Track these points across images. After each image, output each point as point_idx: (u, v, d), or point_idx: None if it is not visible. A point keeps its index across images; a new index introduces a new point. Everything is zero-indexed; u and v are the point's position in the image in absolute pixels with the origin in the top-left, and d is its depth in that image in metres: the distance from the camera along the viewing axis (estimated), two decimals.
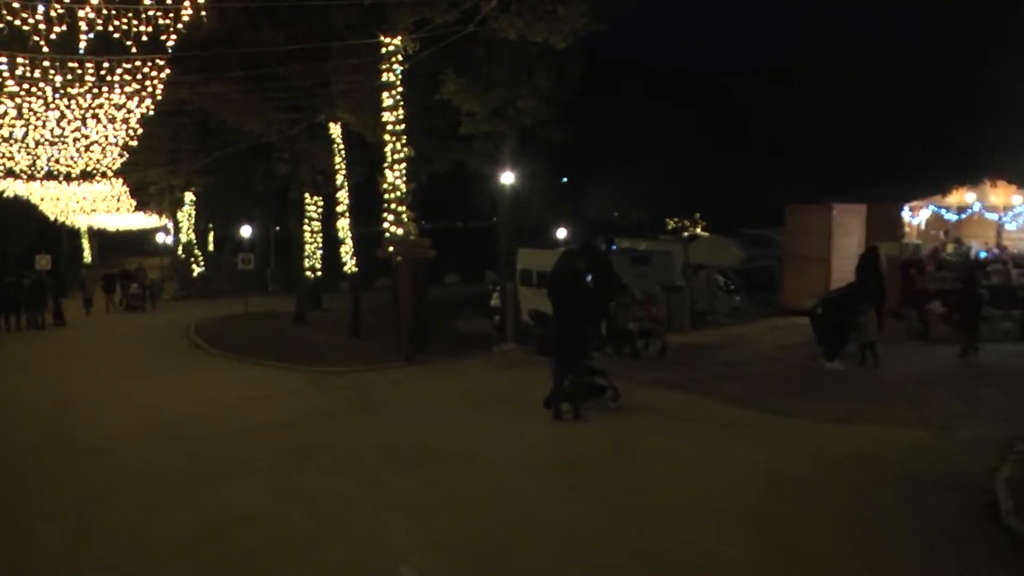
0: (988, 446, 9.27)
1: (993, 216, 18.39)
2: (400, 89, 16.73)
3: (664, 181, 38.94)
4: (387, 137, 16.86)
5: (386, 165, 16.93)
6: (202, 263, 41.00)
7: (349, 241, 25.15)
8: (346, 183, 24.25)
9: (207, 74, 18.67)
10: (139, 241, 54.06)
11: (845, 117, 26.05)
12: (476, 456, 9.54)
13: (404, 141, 16.84)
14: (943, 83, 23.52)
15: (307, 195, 27.26)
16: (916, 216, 17.63)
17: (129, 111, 17.10)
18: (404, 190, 16.83)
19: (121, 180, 30.20)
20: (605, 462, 9.19)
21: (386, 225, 17.02)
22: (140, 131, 19.41)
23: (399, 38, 16.38)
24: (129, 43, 11.94)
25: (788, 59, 30.00)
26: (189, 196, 39.22)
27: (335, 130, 23.04)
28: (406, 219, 16.85)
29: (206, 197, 39.86)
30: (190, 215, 40.47)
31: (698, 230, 24.71)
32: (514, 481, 8.58)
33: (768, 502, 7.74)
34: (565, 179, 45.72)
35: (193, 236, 40.97)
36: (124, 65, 14.31)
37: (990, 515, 7.33)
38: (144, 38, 11.82)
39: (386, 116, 16.83)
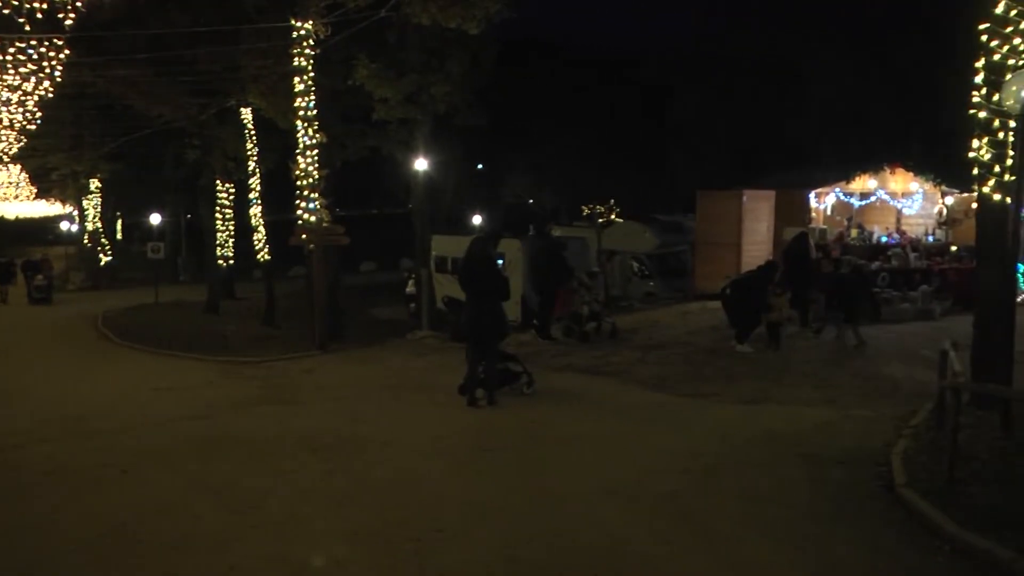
0: (886, 422, 9.69)
1: (893, 201, 19.13)
2: (312, 74, 16.49)
3: (579, 168, 39.27)
4: (299, 123, 16.63)
5: (298, 151, 16.70)
6: (110, 252, 39.76)
7: (262, 229, 24.71)
8: (258, 170, 23.84)
9: (110, 56, 18.09)
10: (41, 230, 52.15)
11: (756, 104, 26.67)
12: (391, 443, 9.53)
13: (316, 127, 16.63)
14: (849, 71, 24.29)
15: (218, 182, 26.65)
16: (822, 202, 18.20)
17: (25, 93, 16.46)
18: (317, 177, 16.64)
19: (20, 166, 29.07)
20: (519, 447, 9.29)
21: (299, 212, 16.81)
22: (39, 115, 18.71)
23: (310, 22, 16.14)
24: (22, 20, 11.48)
25: (700, 46, 30.58)
26: (95, 183, 37.93)
27: (246, 115, 22.60)
28: (319, 206, 16.67)
29: (113, 184, 38.58)
30: (96, 202, 39.15)
31: (613, 217, 24.94)
32: (429, 467, 8.61)
33: (679, 483, 7.92)
34: (481, 166, 45.71)
35: (100, 224, 39.66)
36: (18, 44, 13.76)
37: (886, 487, 7.67)
38: (39, 16, 11.37)
39: (298, 101, 16.59)
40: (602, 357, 13.94)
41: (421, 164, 19.13)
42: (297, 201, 16.82)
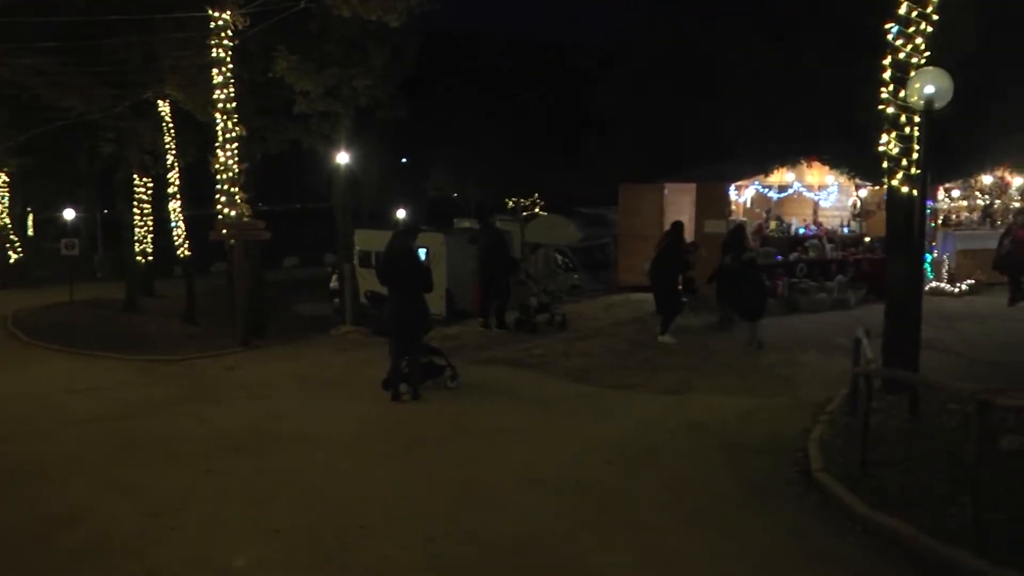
0: (804, 409, 9.96)
1: (810, 194, 19.63)
2: (231, 66, 16.17)
3: (503, 161, 39.32)
4: (218, 116, 16.29)
5: (218, 145, 16.37)
6: (19, 249, 38.35)
7: (182, 224, 24.13)
8: (177, 163, 23.24)
9: (15, 44, 17.43)
10: None
11: (677, 98, 27.01)
12: (314, 440, 9.45)
13: (236, 120, 16.30)
14: (766, 67, 24.76)
15: (136, 176, 25.94)
16: (742, 195, 18.56)
17: None
18: (237, 171, 16.33)
19: None
20: (443, 441, 9.30)
21: (219, 207, 16.49)
22: None
23: (228, 13, 15.82)
24: None
25: (621, 40, 30.84)
26: (2, 177, 36.53)
27: (164, 108, 22.00)
28: (239, 200, 16.37)
29: (22, 178, 37.21)
30: (3, 196, 37.72)
31: (537, 210, 25.14)
32: (352, 463, 8.57)
33: (603, 473, 8.04)
34: (404, 159, 45.42)
35: (8, 220, 38.21)
36: None
37: (803, 472, 7.90)
38: None
39: (217, 94, 16.24)
40: (526, 349, 14.01)
41: (343, 158, 18.93)
42: (217, 195, 16.50)
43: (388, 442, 9.34)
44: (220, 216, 16.46)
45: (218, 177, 16.40)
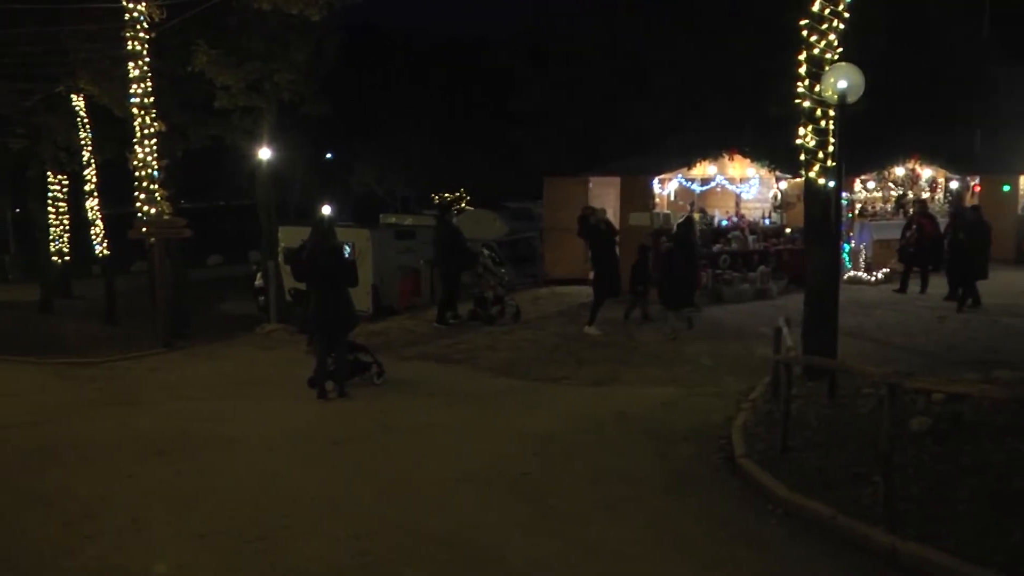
0: (728, 398, 10.17)
1: (732, 187, 19.97)
2: (148, 59, 15.77)
3: (429, 156, 39.19)
4: (135, 111, 15.86)
5: (136, 141, 15.95)
6: None
7: (100, 223, 23.45)
8: (94, 160, 22.57)
9: None
10: None
11: (601, 92, 27.23)
12: (239, 440, 9.28)
13: (155, 115, 15.91)
14: (688, 62, 25.15)
15: (50, 173, 25.11)
16: (665, 187, 18.79)
17: None
18: (157, 167, 15.94)
19: None
20: (370, 438, 9.24)
21: (139, 205, 16.08)
22: None
23: (143, 4, 15.42)
24: None
25: (544, 34, 30.93)
26: None
27: (79, 102, 21.33)
28: (159, 198, 15.99)
29: None
30: None
31: (463, 204, 25.14)
32: (278, 463, 8.44)
33: (530, 466, 8.07)
34: (329, 155, 44.90)
35: None
36: None
37: (727, 458, 8.06)
38: None
39: (133, 88, 15.81)
40: (452, 344, 14.00)
41: (266, 154, 18.61)
42: (136, 193, 16.08)
43: (314, 441, 9.23)
44: (140, 214, 16.07)
45: (137, 174, 15.99)
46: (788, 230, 19.57)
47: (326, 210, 34.79)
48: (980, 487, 6.08)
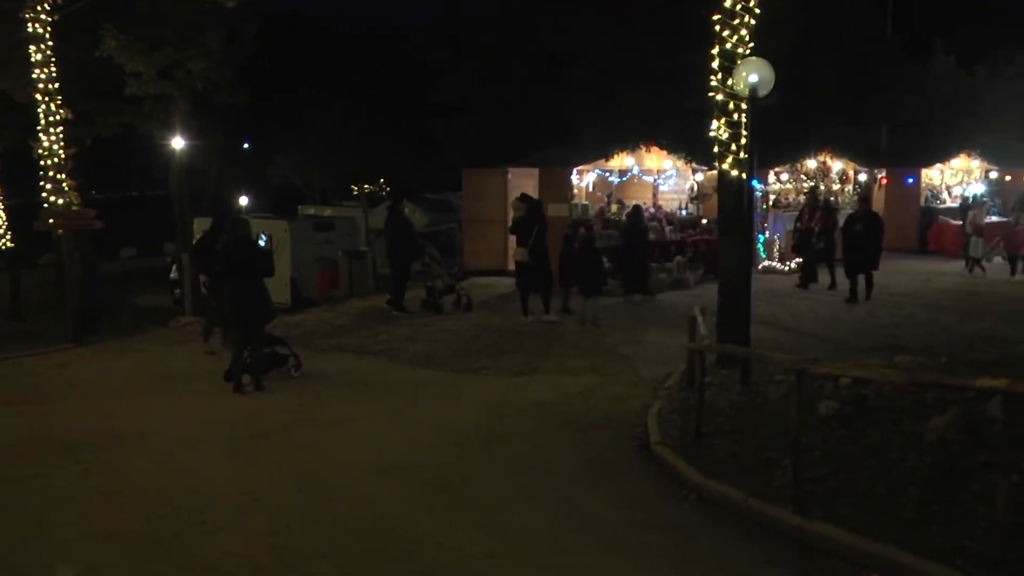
0: (645, 386, 10.36)
1: (649, 178, 20.26)
2: (51, 43, 15.22)
3: (348, 147, 38.77)
4: (39, 97, 15.29)
5: (40, 128, 15.38)
6: None
7: (3, 214, 22.61)
8: None
9: None
10: None
11: (520, 84, 27.30)
12: (153, 436, 9.06)
13: (60, 102, 15.38)
14: (607, 55, 25.37)
15: None
16: (583, 179, 18.97)
17: None
18: (63, 156, 15.41)
19: None
20: (287, 432, 9.12)
21: (45, 195, 15.54)
22: None
23: None
24: None
25: (466, 24, 30.86)
26: None
27: None
28: (67, 188, 15.47)
29: None
30: None
31: (383, 195, 24.99)
32: (193, 458, 8.28)
33: (449, 457, 8.08)
34: (247, 145, 44.05)
35: None
36: None
37: (643, 446, 8.21)
38: None
39: (36, 73, 15.24)
40: (371, 336, 13.92)
41: (179, 143, 18.18)
42: (42, 183, 15.53)
43: (230, 435, 9.07)
44: (46, 205, 15.53)
45: (42, 163, 15.43)
46: (704, 221, 19.98)
47: (243, 201, 34.20)
48: (880, 467, 6.32)
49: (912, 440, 6.46)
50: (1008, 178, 25.02)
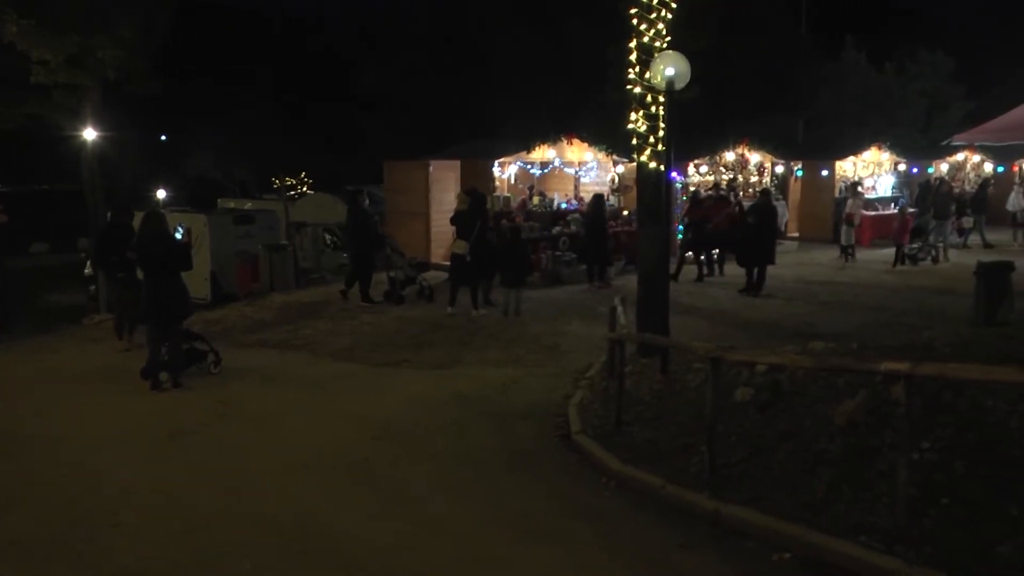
0: (566, 376, 10.44)
1: (570, 171, 20.42)
2: None
3: (269, 139, 38.17)
4: None
5: None
6: None
7: None
8: None
9: None
10: None
11: (442, 76, 27.22)
12: (63, 438, 8.79)
13: None
14: (529, 48, 25.46)
15: None
16: (505, 171, 19.02)
17: None
18: None
19: None
20: (207, 429, 8.95)
21: None
22: None
23: None
24: None
25: (390, 18, 30.65)
26: None
27: None
28: None
29: None
30: None
31: (304, 189, 24.65)
32: (109, 459, 8.06)
33: (371, 451, 8.04)
34: (164, 137, 42.98)
35: None
36: None
37: (563, 435, 8.29)
38: None
39: None
40: (293, 330, 13.75)
41: (90, 134, 17.68)
42: None
43: (147, 434, 8.86)
44: None
45: None
46: (625, 212, 20.21)
47: (161, 194, 33.43)
48: (793, 450, 6.50)
49: (824, 423, 6.65)
50: (915, 170, 25.92)
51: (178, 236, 15.17)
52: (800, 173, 24.51)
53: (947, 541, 4.97)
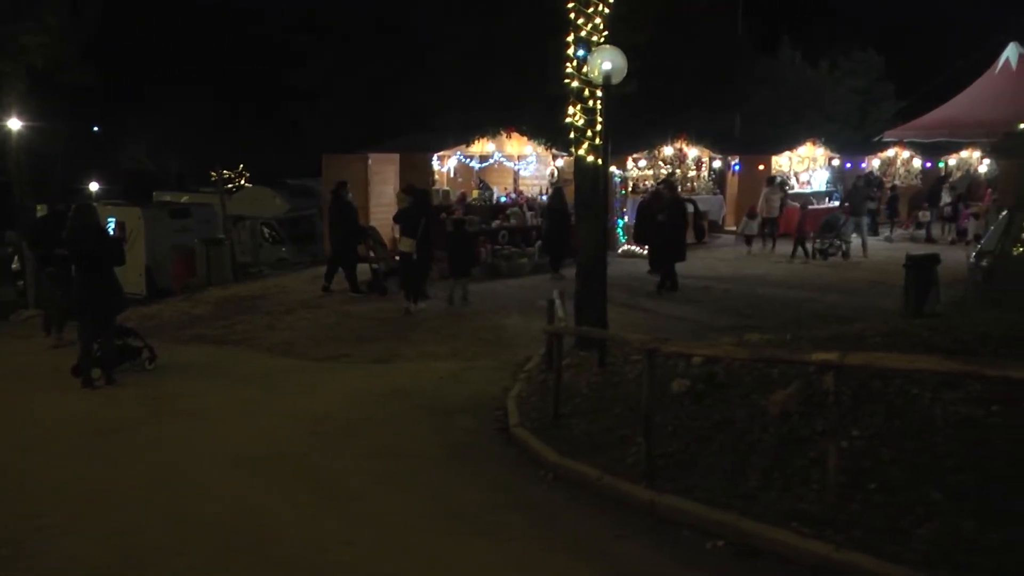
0: (506, 369, 10.45)
1: (510, 164, 20.45)
2: None
3: (207, 131, 37.52)
4: None
5: None
6: None
7: None
8: None
9: None
10: None
11: (380, 69, 27.04)
12: None
13: None
14: (469, 41, 25.41)
15: None
16: (444, 164, 18.96)
17: None
18: None
19: None
20: (140, 426, 8.78)
21: None
22: None
23: None
24: None
25: (326, 6, 30.28)
26: None
27: None
28: None
29: None
30: None
31: (242, 182, 24.31)
32: (36, 459, 7.85)
33: (309, 446, 7.97)
34: (96, 128, 41.97)
35: None
36: None
37: (502, 428, 8.31)
38: None
39: None
40: (230, 325, 13.56)
41: (15, 124, 17.16)
42: None
43: (78, 433, 8.66)
44: None
45: None
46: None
47: (93, 187, 32.67)
48: (728, 440, 6.61)
49: (758, 414, 6.77)
50: (849, 165, 26.50)
51: (110, 229, 14.87)
52: (737, 168, 24.87)
53: (873, 525, 5.10)
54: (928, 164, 27.94)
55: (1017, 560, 4.56)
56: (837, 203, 24.01)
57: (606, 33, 10.27)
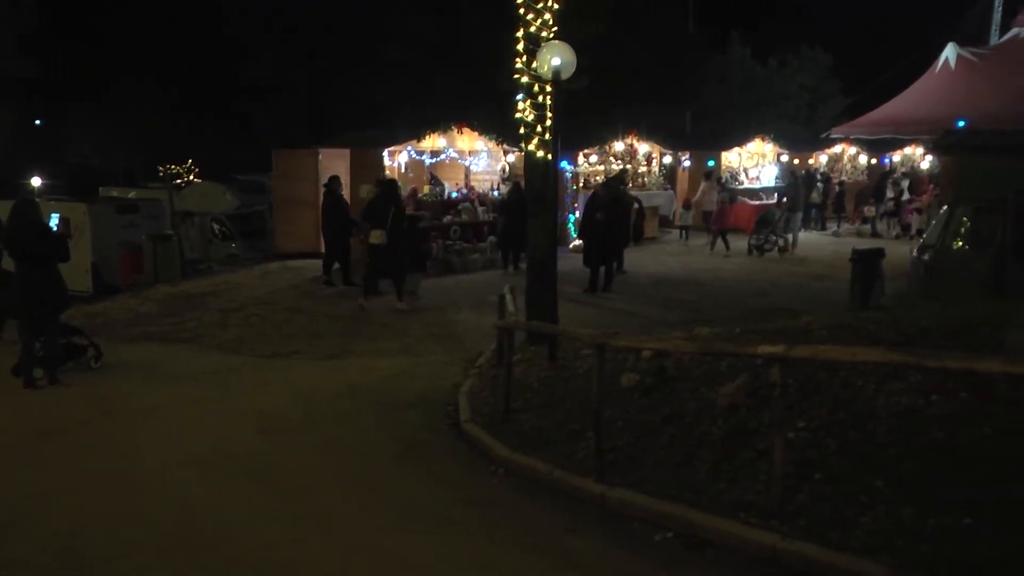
0: (457, 365, 10.50)
1: (461, 160, 20.42)
2: None
3: (155, 126, 36.89)
4: None
5: None
6: None
7: None
8: None
9: None
10: None
11: (329, 64, 26.81)
12: None
13: None
14: (421, 35, 25.28)
15: None
16: (395, 160, 18.88)
17: None
18: None
19: None
20: (86, 426, 8.62)
21: None
22: None
23: None
24: None
25: (279, 5, 29.94)
26: None
27: None
28: None
29: None
30: None
31: (191, 177, 23.94)
32: None
33: (259, 444, 7.91)
34: (39, 121, 41.05)
35: None
36: None
37: (453, 424, 8.33)
38: None
39: None
40: (179, 323, 13.37)
41: None
42: None
43: (19, 434, 8.45)
44: None
45: None
46: None
47: (36, 182, 31.91)
48: (677, 433, 6.69)
49: (707, 406, 6.86)
50: (796, 161, 26.86)
51: (53, 226, 14.57)
52: (688, 164, 25.09)
53: (818, 514, 5.20)
54: (885, 160, 28.41)
55: (953, 545, 4.68)
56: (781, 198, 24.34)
57: (556, 28, 10.31)
